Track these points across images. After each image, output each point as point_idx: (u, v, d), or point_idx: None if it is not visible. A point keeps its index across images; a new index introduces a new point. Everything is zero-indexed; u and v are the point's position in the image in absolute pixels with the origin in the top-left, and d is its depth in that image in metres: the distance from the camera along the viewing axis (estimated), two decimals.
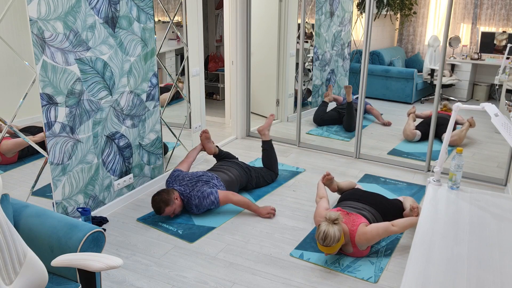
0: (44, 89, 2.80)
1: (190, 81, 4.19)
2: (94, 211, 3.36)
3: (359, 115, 4.49)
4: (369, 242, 2.85)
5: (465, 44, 6.40)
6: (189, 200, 3.36)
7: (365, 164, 4.51)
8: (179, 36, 4.05)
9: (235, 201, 3.40)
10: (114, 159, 3.45)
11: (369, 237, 2.82)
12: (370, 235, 2.82)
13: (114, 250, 3.01)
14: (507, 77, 4.94)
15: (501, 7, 6.13)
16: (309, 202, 3.70)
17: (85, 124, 3.14)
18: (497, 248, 1.82)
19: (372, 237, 2.83)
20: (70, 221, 2.08)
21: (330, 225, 2.73)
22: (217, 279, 2.72)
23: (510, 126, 2.09)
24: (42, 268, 1.73)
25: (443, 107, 5.29)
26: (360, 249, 2.87)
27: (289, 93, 5.74)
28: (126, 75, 3.41)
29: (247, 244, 3.09)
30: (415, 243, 1.85)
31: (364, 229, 2.84)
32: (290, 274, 2.77)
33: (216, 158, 4.08)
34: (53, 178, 2.96)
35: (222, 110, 6.33)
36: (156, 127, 3.83)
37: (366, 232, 2.83)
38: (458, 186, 2.37)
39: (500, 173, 4.17)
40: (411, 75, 5.98)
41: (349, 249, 2.90)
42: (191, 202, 3.36)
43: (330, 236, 2.70)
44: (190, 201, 3.36)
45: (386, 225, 2.87)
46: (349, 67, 6.15)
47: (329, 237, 2.70)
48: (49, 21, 2.76)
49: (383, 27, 6.43)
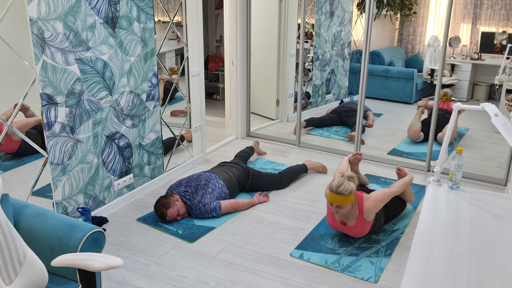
0: (44, 89, 2.80)
1: (190, 81, 4.20)
2: (94, 211, 3.36)
3: (359, 115, 4.49)
4: (376, 205, 2.94)
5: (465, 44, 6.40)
6: (190, 208, 3.37)
7: (365, 164, 4.51)
8: (179, 36, 4.05)
9: (238, 210, 3.52)
10: (114, 159, 3.45)
11: (374, 198, 2.94)
12: (375, 197, 2.96)
13: (114, 250, 3.01)
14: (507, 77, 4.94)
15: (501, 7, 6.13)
16: (309, 202, 3.70)
17: (85, 124, 3.14)
18: (497, 248, 1.82)
19: (377, 199, 2.95)
20: (70, 221, 2.08)
21: (346, 179, 2.83)
22: (217, 279, 2.72)
23: (510, 126, 2.09)
24: (42, 268, 1.73)
25: (443, 95, 5.22)
26: (365, 217, 2.93)
27: (289, 93, 5.74)
28: (126, 75, 3.41)
29: (247, 244, 3.09)
30: (415, 243, 1.85)
31: (368, 195, 2.98)
32: (290, 274, 2.77)
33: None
34: (53, 178, 2.96)
35: (222, 110, 6.33)
36: (156, 127, 3.83)
37: (371, 196, 2.96)
38: (458, 186, 2.37)
39: (500, 173, 4.17)
40: (411, 75, 5.98)
41: (352, 221, 2.93)
42: (192, 210, 3.38)
43: (344, 185, 2.79)
44: (191, 209, 3.37)
45: (383, 189, 3.07)
46: (349, 67, 6.15)
47: (344, 185, 2.79)
48: (49, 21, 2.76)
49: (383, 27, 6.43)
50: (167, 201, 3.29)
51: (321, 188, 3.96)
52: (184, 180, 3.51)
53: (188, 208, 3.38)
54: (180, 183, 3.50)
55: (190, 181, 3.49)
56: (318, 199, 3.76)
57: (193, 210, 3.36)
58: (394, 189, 3.09)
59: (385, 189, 3.07)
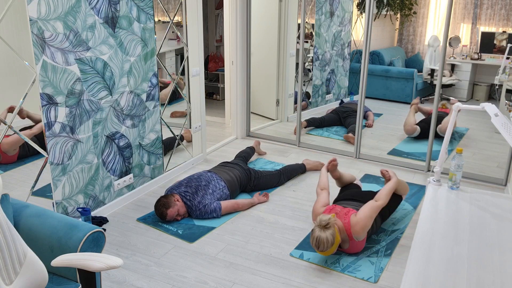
0: (44, 89, 2.80)
1: (190, 81, 4.19)
2: (94, 211, 3.36)
3: (359, 115, 4.49)
4: (364, 229, 2.87)
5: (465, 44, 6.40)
6: (190, 208, 3.37)
7: (365, 164, 4.51)
8: (179, 36, 4.05)
9: (238, 210, 3.52)
10: (114, 159, 3.45)
11: (362, 223, 2.86)
12: (362, 220, 2.87)
13: (114, 250, 3.01)
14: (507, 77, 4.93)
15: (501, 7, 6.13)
16: (309, 202, 3.70)
17: (85, 124, 3.14)
18: (497, 248, 1.82)
19: (365, 222, 2.86)
20: (70, 221, 2.08)
21: (322, 231, 2.74)
22: (217, 279, 2.72)
23: (510, 126, 2.09)
24: (42, 268, 1.73)
25: (441, 106, 5.28)
26: (357, 240, 2.89)
27: (289, 93, 5.74)
28: (126, 75, 3.41)
29: (247, 244, 3.09)
30: (415, 243, 1.85)
31: (355, 218, 2.89)
32: (290, 274, 2.77)
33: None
34: (53, 178, 2.96)
35: (222, 110, 6.33)
36: (156, 127, 3.83)
37: (358, 220, 2.87)
38: (458, 186, 2.37)
39: (500, 173, 4.17)
40: (411, 75, 5.98)
41: (345, 244, 2.91)
42: (192, 211, 3.37)
43: (323, 242, 2.72)
44: (191, 210, 3.37)
45: (370, 204, 2.96)
46: (349, 67, 6.15)
47: (322, 243, 2.72)
48: (49, 21, 2.76)
49: (383, 27, 6.43)
50: (167, 201, 3.29)
51: None
52: (184, 181, 3.51)
53: (188, 209, 3.38)
54: (180, 183, 3.50)
55: (191, 181, 3.48)
56: None
57: (193, 211, 3.36)
58: (380, 202, 2.99)
59: (371, 203, 2.97)
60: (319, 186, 3.31)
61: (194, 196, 3.38)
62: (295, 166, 4.16)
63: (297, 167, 4.17)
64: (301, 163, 4.24)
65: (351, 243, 2.90)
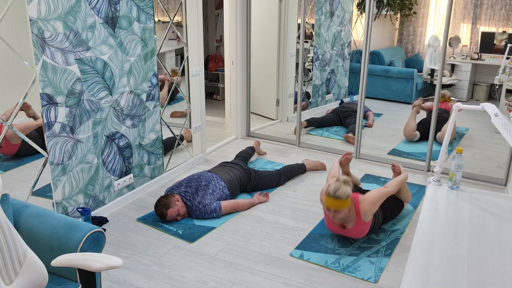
0: (44, 89, 2.80)
1: (190, 81, 4.20)
2: (94, 211, 3.36)
3: (359, 115, 4.49)
4: (372, 206, 2.91)
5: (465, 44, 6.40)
6: (190, 208, 3.37)
7: (365, 164, 4.51)
8: (179, 36, 4.05)
9: (238, 210, 3.52)
10: (114, 159, 3.45)
11: (370, 199, 2.91)
12: (371, 197, 2.92)
13: (114, 250, 3.01)
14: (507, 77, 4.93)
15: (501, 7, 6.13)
16: (309, 202, 3.70)
17: (85, 124, 3.14)
18: (497, 248, 1.82)
19: (373, 199, 2.92)
20: (70, 221, 2.08)
21: (342, 183, 2.80)
22: (217, 279, 2.72)
23: (510, 126, 2.09)
24: (42, 268, 1.73)
25: (441, 97, 5.23)
26: (363, 219, 2.91)
27: (289, 93, 5.74)
28: (126, 75, 3.41)
29: (247, 244, 3.09)
30: (415, 243, 1.85)
31: (363, 196, 2.95)
32: (290, 274, 2.77)
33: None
34: (53, 178, 2.96)
35: (222, 110, 6.33)
36: (156, 127, 3.83)
37: (367, 197, 2.93)
38: (458, 186, 2.37)
39: (500, 173, 4.17)
40: (411, 75, 5.98)
41: (350, 224, 2.92)
42: (192, 211, 3.37)
43: (341, 189, 2.76)
44: (191, 210, 3.37)
45: (379, 189, 3.03)
46: (349, 67, 6.16)
47: (341, 190, 2.76)
48: (49, 21, 2.76)
49: (383, 27, 6.43)
50: (167, 201, 3.29)
51: (320, 188, 3.96)
52: (184, 181, 3.51)
53: (188, 209, 3.38)
54: (180, 183, 3.50)
55: (191, 181, 3.48)
56: (318, 199, 3.76)
57: (193, 211, 3.36)
58: (389, 188, 3.07)
59: (380, 188, 3.06)
60: (330, 175, 3.32)
61: (194, 196, 3.38)
62: (295, 166, 4.16)
63: (297, 167, 4.17)
64: (301, 163, 4.24)
65: (357, 221, 2.92)
